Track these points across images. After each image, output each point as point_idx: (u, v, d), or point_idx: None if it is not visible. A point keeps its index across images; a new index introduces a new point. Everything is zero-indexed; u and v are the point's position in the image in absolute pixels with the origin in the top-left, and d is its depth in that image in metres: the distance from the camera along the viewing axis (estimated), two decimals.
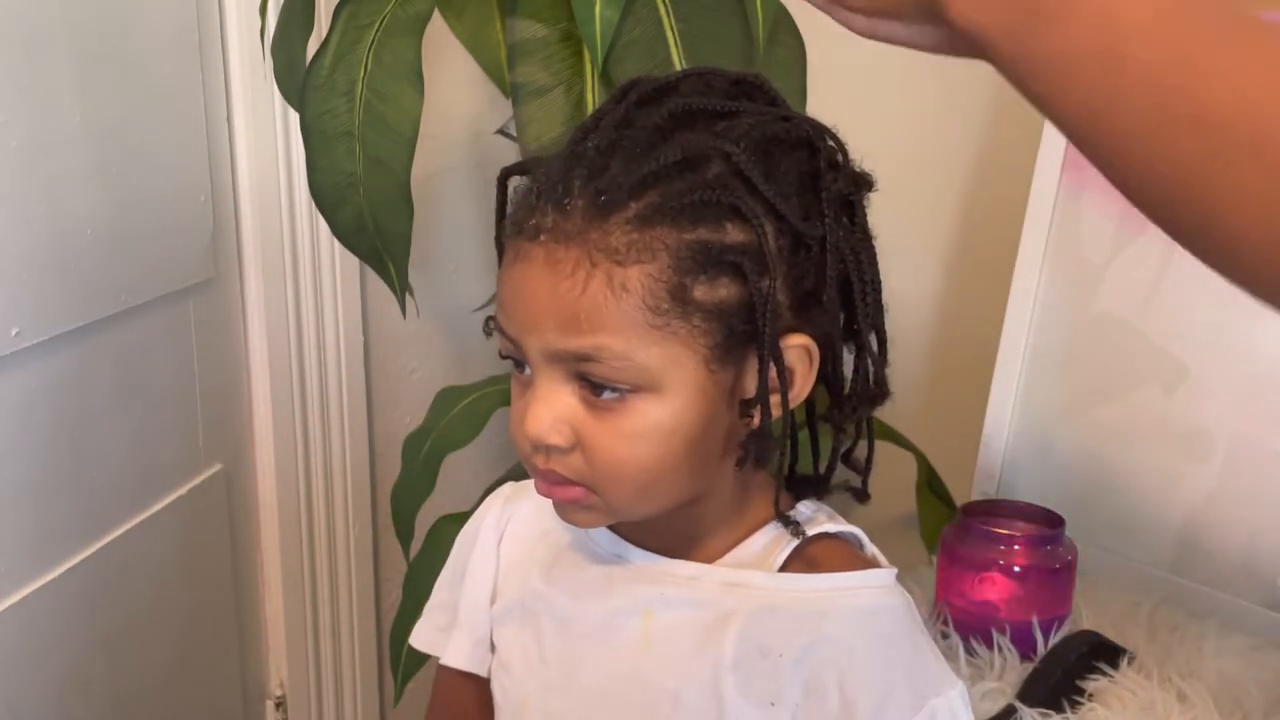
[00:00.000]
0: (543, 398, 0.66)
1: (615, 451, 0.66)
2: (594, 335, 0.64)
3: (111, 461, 1.42)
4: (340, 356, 1.70)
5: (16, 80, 1.22)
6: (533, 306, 0.65)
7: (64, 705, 1.36)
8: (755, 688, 0.68)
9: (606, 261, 0.63)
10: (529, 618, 0.76)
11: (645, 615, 0.71)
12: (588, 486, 0.67)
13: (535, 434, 0.66)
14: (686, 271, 0.64)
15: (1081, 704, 1.07)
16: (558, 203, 0.65)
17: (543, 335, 0.65)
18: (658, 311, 0.64)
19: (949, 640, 1.15)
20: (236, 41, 1.52)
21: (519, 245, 0.66)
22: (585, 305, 0.64)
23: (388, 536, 1.75)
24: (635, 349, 0.64)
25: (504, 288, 0.67)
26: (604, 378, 0.65)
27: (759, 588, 0.70)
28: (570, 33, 1.19)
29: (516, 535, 0.80)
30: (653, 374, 0.65)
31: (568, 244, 0.64)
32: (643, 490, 0.68)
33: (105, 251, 1.35)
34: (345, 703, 1.83)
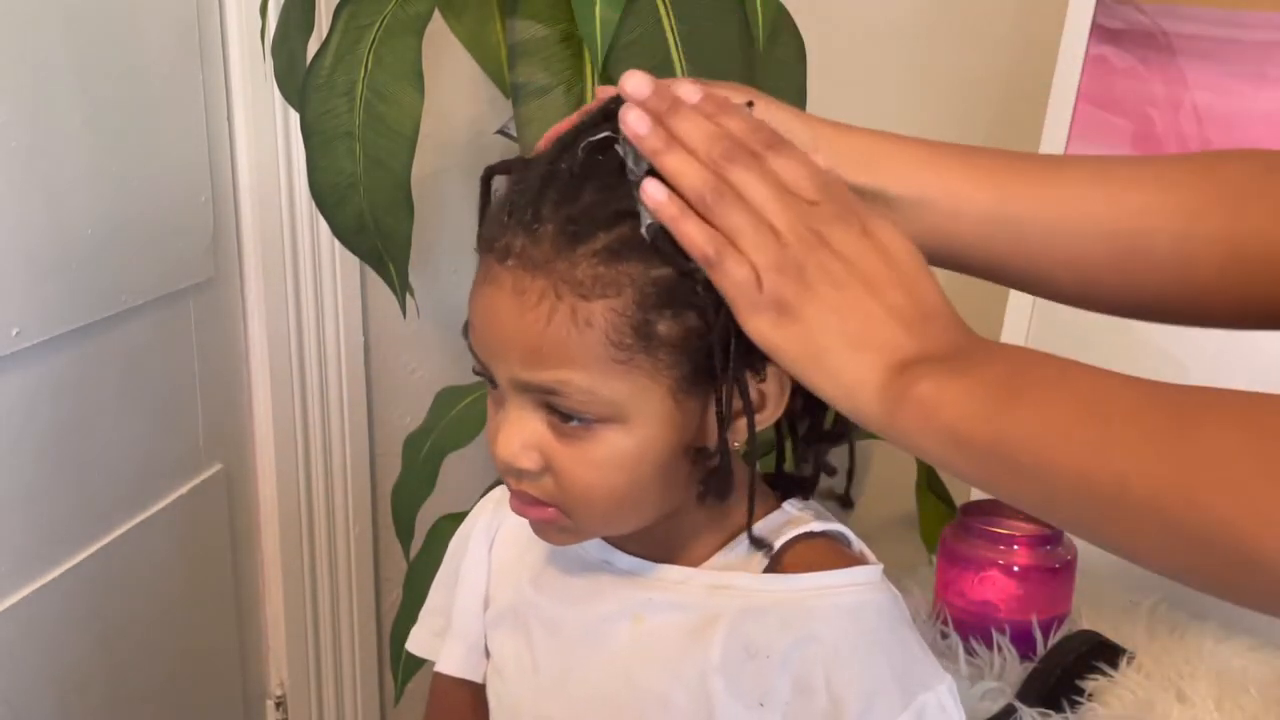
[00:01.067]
0: (513, 422, 0.66)
1: (584, 478, 0.66)
2: (557, 370, 0.64)
3: (111, 461, 1.42)
4: (340, 356, 1.70)
5: (16, 81, 1.22)
6: (499, 335, 0.65)
7: (64, 705, 1.36)
8: (743, 688, 0.68)
9: (571, 295, 0.63)
10: (520, 623, 0.77)
11: (634, 620, 0.71)
12: (559, 508, 0.68)
13: (504, 457, 0.67)
14: (651, 308, 0.63)
15: (1081, 704, 1.07)
16: (528, 225, 0.64)
17: (509, 364, 0.65)
18: (621, 346, 0.63)
19: (949, 640, 1.15)
20: (236, 41, 1.52)
21: (489, 264, 0.66)
22: (549, 339, 0.63)
23: (388, 536, 1.75)
24: (599, 383, 0.64)
25: (473, 308, 0.67)
26: (569, 409, 0.65)
27: (744, 589, 0.70)
28: (570, 33, 1.19)
29: (507, 540, 0.80)
30: (618, 406, 0.64)
31: (534, 273, 0.63)
32: (612, 514, 0.69)
33: (105, 251, 1.35)
34: (345, 703, 1.83)
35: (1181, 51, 1.24)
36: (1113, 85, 1.28)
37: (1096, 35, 1.29)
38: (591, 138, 0.64)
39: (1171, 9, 1.25)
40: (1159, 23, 1.26)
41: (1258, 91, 1.20)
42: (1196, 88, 1.24)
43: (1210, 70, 1.23)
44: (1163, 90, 1.26)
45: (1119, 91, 1.28)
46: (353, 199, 1.25)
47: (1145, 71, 1.27)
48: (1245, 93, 1.21)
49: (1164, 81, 1.26)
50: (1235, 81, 1.21)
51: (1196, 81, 1.24)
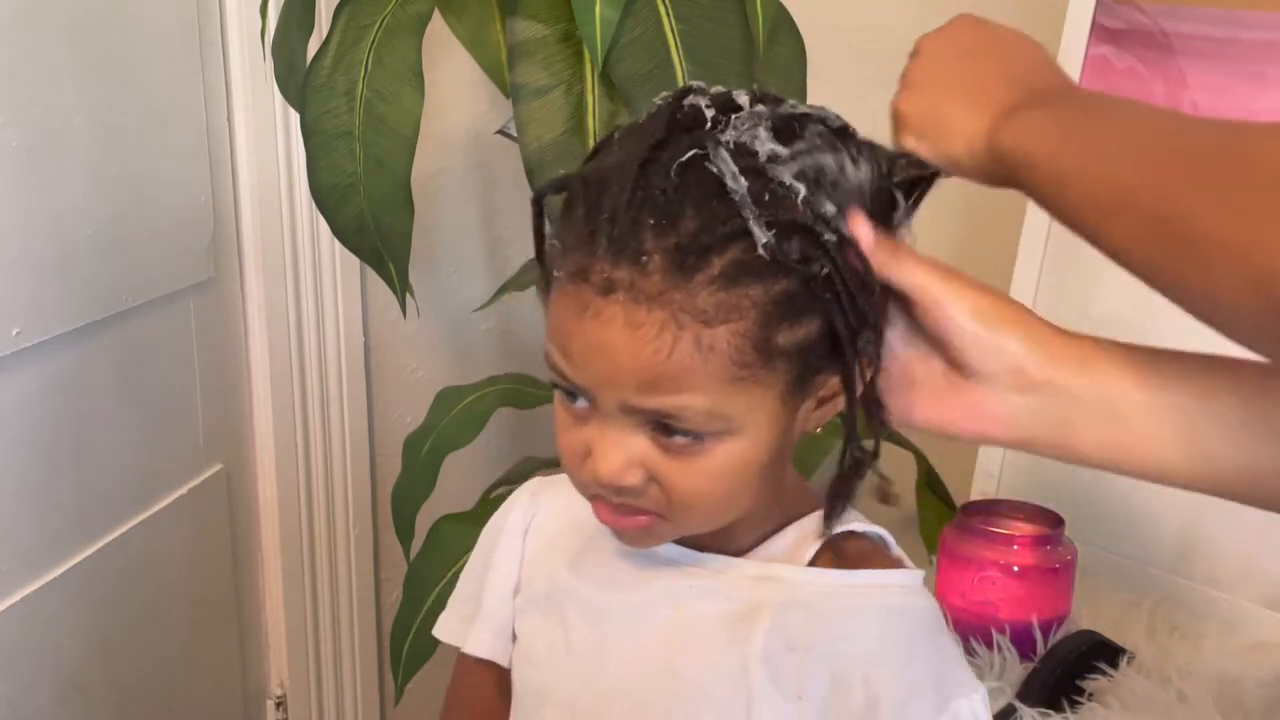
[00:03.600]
0: (613, 441, 0.65)
1: (693, 488, 0.66)
2: (677, 395, 0.62)
3: (112, 461, 1.42)
4: (340, 356, 1.70)
5: (17, 80, 1.22)
6: (612, 366, 0.63)
7: (64, 705, 1.36)
8: (782, 681, 0.68)
9: (694, 324, 0.61)
10: (554, 608, 0.76)
11: (674, 607, 0.71)
12: (659, 515, 0.67)
13: (608, 477, 0.65)
14: (773, 324, 0.62)
15: (1081, 704, 1.07)
16: (632, 256, 0.61)
17: (620, 392, 0.63)
18: (743, 365, 0.62)
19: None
20: (236, 42, 1.52)
21: (584, 296, 0.63)
22: (670, 368, 0.62)
23: (388, 536, 1.75)
24: (718, 403, 0.63)
25: (571, 339, 0.64)
26: (683, 430, 0.64)
27: (789, 582, 0.70)
28: (570, 33, 1.19)
29: (542, 528, 0.80)
30: (733, 421, 0.64)
31: (649, 305, 0.61)
32: (716, 517, 0.69)
33: (105, 251, 1.35)
34: (345, 702, 1.83)
35: (1181, 51, 1.24)
36: (1113, 85, 1.28)
37: (1096, 35, 1.29)
38: (678, 156, 0.62)
39: (1171, 9, 1.25)
40: (1159, 23, 1.26)
41: (1258, 91, 1.20)
42: (1196, 88, 1.24)
43: (1210, 70, 1.23)
44: (1163, 90, 1.26)
45: (1119, 91, 1.28)
46: (353, 199, 1.25)
47: (1145, 71, 1.27)
48: (1245, 93, 1.21)
49: (1164, 81, 1.25)
50: (1235, 81, 1.21)
51: (1196, 81, 1.24)
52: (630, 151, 0.63)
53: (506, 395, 1.46)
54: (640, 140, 0.64)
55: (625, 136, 0.66)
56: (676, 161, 0.62)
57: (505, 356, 1.76)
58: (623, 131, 0.67)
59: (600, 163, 0.66)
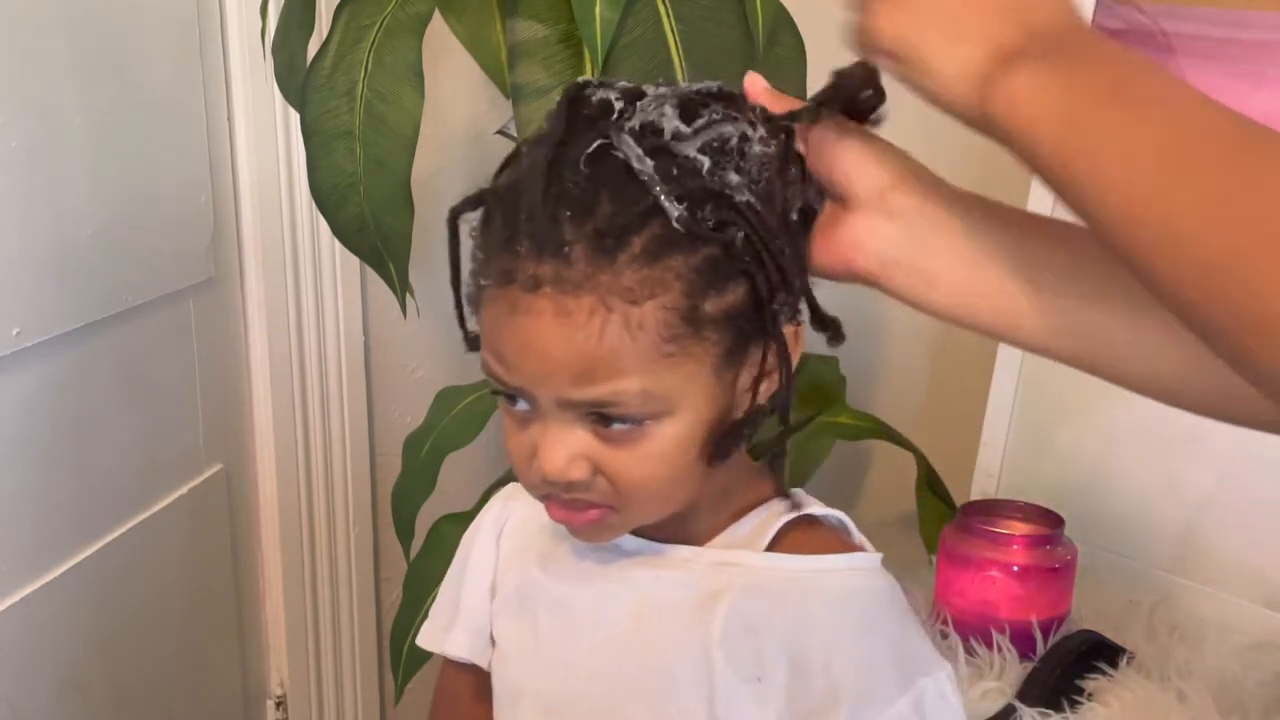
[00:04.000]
0: (554, 438, 0.66)
1: (639, 474, 0.67)
2: (610, 382, 0.64)
3: (112, 461, 1.42)
4: (340, 356, 1.70)
5: (17, 81, 1.22)
6: (544, 360, 0.64)
7: (64, 705, 1.36)
8: (742, 663, 0.68)
9: (621, 304, 0.63)
10: (526, 606, 0.78)
11: (639, 597, 0.72)
12: (609, 506, 0.68)
13: (554, 473, 0.66)
14: (698, 293, 0.64)
15: (1081, 703, 1.07)
16: (554, 250, 0.63)
17: (556, 387, 0.64)
18: (671, 339, 0.64)
19: (949, 640, 1.15)
20: (236, 41, 1.52)
21: (513, 296, 0.64)
22: (602, 353, 0.63)
23: (388, 536, 1.75)
24: (651, 383, 0.64)
25: (504, 342, 0.66)
26: (619, 416, 0.65)
27: (747, 566, 0.71)
28: (570, 33, 1.19)
29: (516, 530, 0.81)
30: (669, 399, 0.65)
31: (577, 293, 0.63)
32: (664, 501, 0.70)
33: (105, 251, 1.35)
34: (345, 703, 1.83)
35: (1181, 51, 1.24)
36: None
37: None
38: (585, 148, 0.64)
39: (1171, 9, 1.25)
40: (1159, 23, 1.26)
41: (1258, 91, 1.20)
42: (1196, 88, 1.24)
43: (1210, 70, 1.23)
44: None
45: None
46: (353, 199, 1.25)
47: None
48: (1245, 93, 1.21)
49: None
50: (1235, 81, 1.21)
51: (1196, 81, 1.23)
52: (537, 155, 0.65)
53: None
54: (545, 143, 0.65)
55: (530, 147, 0.68)
56: (584, 153, 0.64)
57: None
58: (528, 144, 0.68)
59: (510, 174, 0.67)
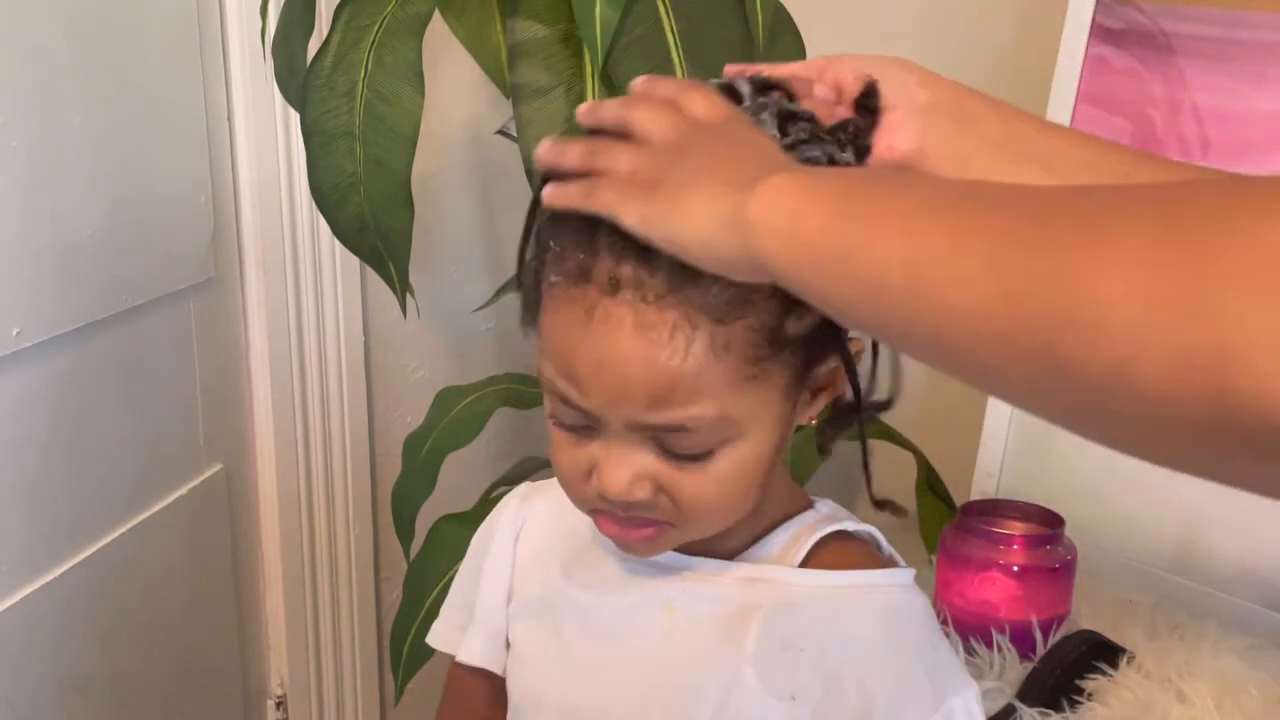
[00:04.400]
0: (620, 458, 0.64)
1: (703, 495, 0.65)
2: (688, 407, 0.61)
3: (112, 461, 1.42)
4: (340, 356, 1.70)
5: (17, 81, 1.22)
6: (623, 379, 0.61)
7: (64, 704, 1.36)
8: (776, 681, 0.68)
9: (708, 322, 0.60)
10: (548, 613, 0.76)
11: (666, 609, 0.71)
12: (668, 523, 0.67)
13: (618, 495, 0.64)
14: (783, 313, 0.62)
15: (1081, 703, 1.07)
16: (638, 252, 0.58)
17: (630, 408, 0.62)
18: (755, 361, 0.62)
19: (949, 640, 1.15)
20: (236, 41, 1.52)
21: (588, 299, 0.60)
22: (685, 374, 0.60)
23: (388, 536, 1.75)
24: (728, 408, 0.62)
25: (576, 357, 0.61)
26: (688, 448, 0.63)
27: (780, 583, 0.70)
28: (570, 33, 1.19)
29: (534, 533, 0.80)
30: (742, 424, 0.63)
31: (660, 306, 0.59)
32: (726, 519, 0.68)
33: (105, 251, 1.35)
34: (345, 702, 1.83)
35: (1181, 52, 1.24)
36: (1113, 85, 1.28)
37: (1096, 35, 1.29)
38: None
39: (1171, 9, 1.25)
40: (1159, 23, 1.26)
41: (1258, 91, 1.20)
42: (1196, 88, 1.24)
43: (1210, 70, 1.23)
44: (1163, 91, 1.26)
45: (1119, 92, 1.28)
46: (353, 199, 1.25)
47: (1145, 72, 1.27)
48: (1245, 93, 1.21)
49: (1164, 82, 1.26)
50: (1235, 81, 1.21)
51: (1196, 82, 1.24)
52: None
53: (506, 395, 1.46)
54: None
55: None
56: None
57: (505, 356, 1.75)
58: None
59: None
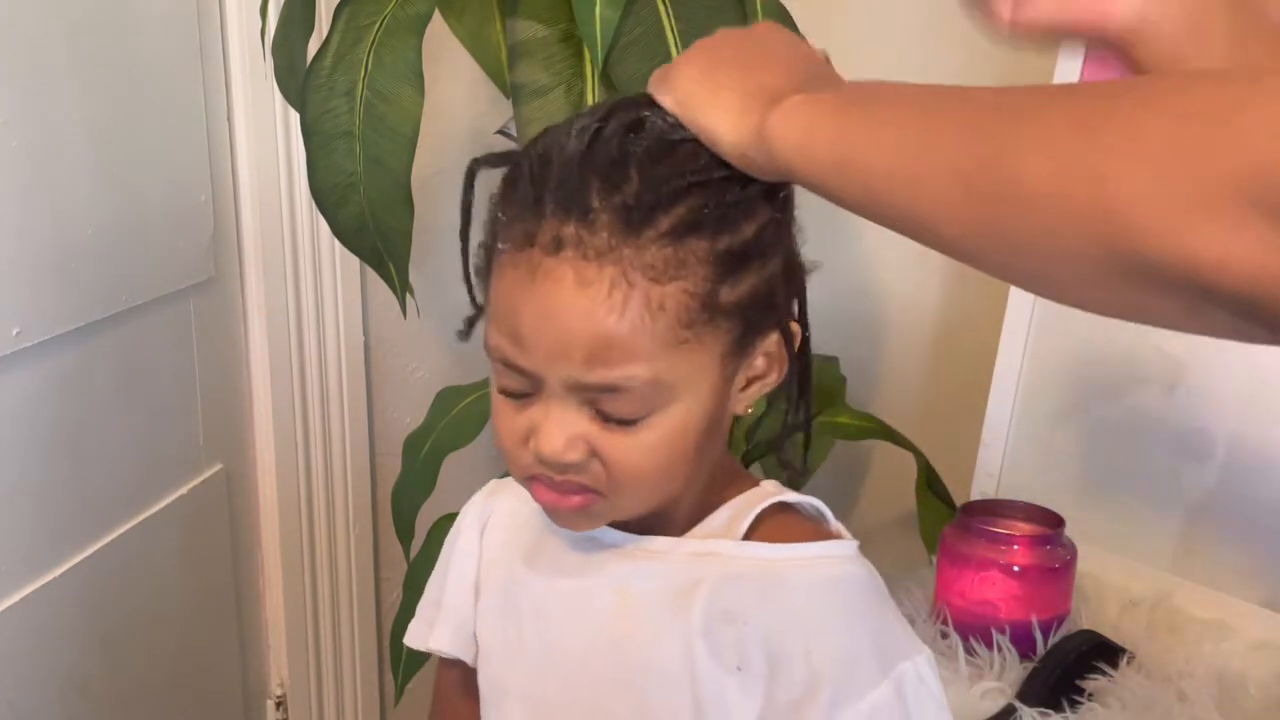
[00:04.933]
0: (556, 419, 0.65)
1: (635, 462, 0.66)
2: (624, 365, 0.62)
3: (112, 461, 1.42)
4: (340, 356, 1.70)
5: (17, 81, 1.22)
6: (560, 333, 0.62)
7: (64, 704, 1.36)
8: (722, 652, 0.68)
9: (643, 281, 0.61)
10: (510, 605, 0.77)
11: (619, 590, 0.72)
12: (598, 492, 0.68)
13: (551, 454, 0.65)
14: (718, 280, 0.63)
15: (1081, 703, 1.07)
16: (580, 214, 0.61)
17: (567, 366, 0.63)
18: (689, 325, 0.63)
19: (949, 640, 1.15)
20: (236, 41, 1.52)
21: (533, 259, 0.63)
22: (621, 331, 0.62)
23: (388, 536, 1.75)
24: (662, 370, 0.63)
25: (520, 314, 0.64)
26: (623, 412, 0.64)
27: (726, 556, 0.71)
28: (570, 33, 1.19)
29: (499, 526, 0.81)
30: (675, 389, 0.64)
31: (600, 263, 0.61)
32: (655, 491, 0.69)
33: (105, 251, 1.35)
34: (345, 702, 1.83)
35: None
36: None
37: None
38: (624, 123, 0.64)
39: None
40: None
41: None
42: None
43: None
44: None
45: None
46: (353, 199, 1.25)
47: None
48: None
49: None
50: None
51: None
52: (573, 128, 0.65)
53: None
54: (583, 119, 0.66)
55: (566, 122, 0.68)
56: (622, 126, 0.64)
57: None
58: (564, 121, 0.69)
59: (545, 140, 0.67)
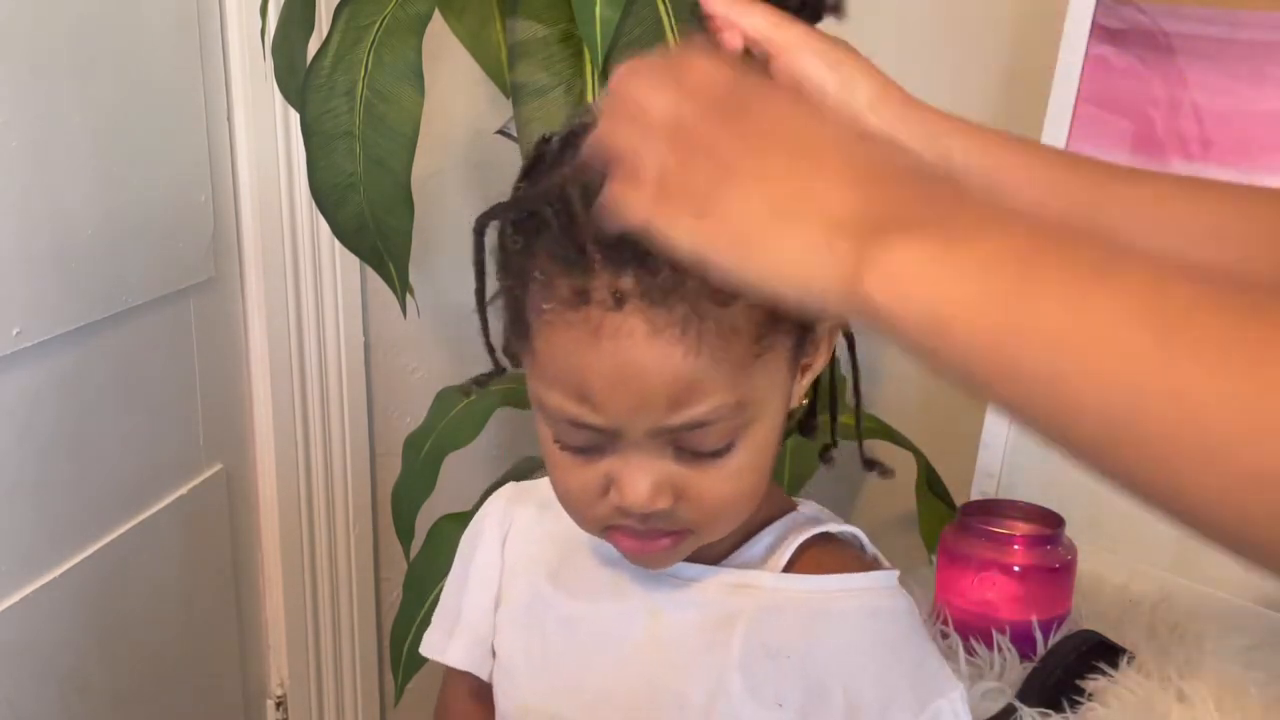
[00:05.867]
0: (639, 467, 0.62)
1: (724, 493, 0.64)
2: (709, 399, 0.59)
3: (111, 461, 1.42)
4: (340, 356, 1.70)
5: (17, 81, 1.22)
6: (644, 388, 0.58)
7: (64, 704, 1.36)
8: (761, 688, 0.68)
9: (714, 307, 0.58)
10: (534, 621, 0.76)
11: (652, 617, 0.71)
12: (687, 530, 0.65)
13: (641, 507, 0.62)
14: None
15: (1081, 703, 1.07)
16: (636, 255, 0.56)
17: (650, 416, 0.59)
18: (759, 338, 0.60)
19: (949, 640, 1.15)
20: (236, 41, 1.52)
21: (593, 319, 0.58)
22: (703, 366, 0.58)
23: (388, 536, 1.75)
24: (744, 391, 0.60)
25: (589, 374, 0.59)
26: (709, 444, 0.61)
27: (764, 589, 0.70)
28: (570, 33, 1.19)
29: (521, 537, 0.79)
30: (756, 406, 0.62)
31: (668, 302, 0.57)
32: (743, 512, 0.67)
33: (105, 251, 1.35)
34: (345, 702, 1.83)
35: (1181, 51, 1.24)
36: (1113, 85, 1.28)
37: (1096, 35, 1.29)
38: None
39: (1171, 9, 1.25)
40: (1159, 23, 1.26)
41: (1257, 91, 1.20)
42: (1196, 88, 1.24)
43: (1210, 70, 1.23)
44: (1163, 90, 1.26)
45: (1119, 91, 1.28)
46: (353, 199, 1.25)
47: (1145, 71, 1.27)
48: (1245, 93, 1.21)
49: (1164, 81, 1.26)
50: (1235, 81, 1.21)
51: (1196, 81, 1.24)
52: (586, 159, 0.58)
53: (506, 395, 1.46)
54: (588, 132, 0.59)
55: (564, 146, 0.62)
56: None
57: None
58: (557, 142, 0.64)
59: (552, 178, 0.61)
